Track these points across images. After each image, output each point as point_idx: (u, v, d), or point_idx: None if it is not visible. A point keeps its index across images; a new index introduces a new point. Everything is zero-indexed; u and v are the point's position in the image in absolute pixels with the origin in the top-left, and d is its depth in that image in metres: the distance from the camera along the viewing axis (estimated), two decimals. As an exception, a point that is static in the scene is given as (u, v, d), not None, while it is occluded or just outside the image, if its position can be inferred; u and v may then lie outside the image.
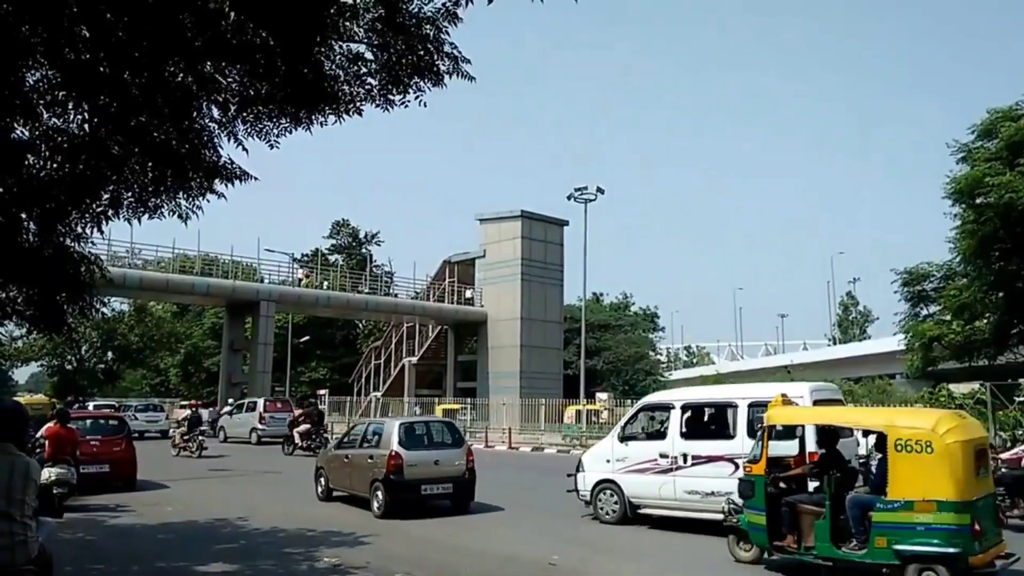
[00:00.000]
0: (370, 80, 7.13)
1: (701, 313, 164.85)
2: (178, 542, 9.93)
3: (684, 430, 10.61)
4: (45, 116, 7.11)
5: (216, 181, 7.75)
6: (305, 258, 55.12)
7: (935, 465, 6.86)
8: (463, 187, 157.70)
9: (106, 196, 7.79)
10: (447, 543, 9.85)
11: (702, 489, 9.95)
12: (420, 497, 12.02)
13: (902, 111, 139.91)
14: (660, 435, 11.01)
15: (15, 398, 28.88)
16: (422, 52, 6.75)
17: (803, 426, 8.68)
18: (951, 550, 6.71)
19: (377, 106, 7.23)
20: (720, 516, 8.95)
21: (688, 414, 10.76)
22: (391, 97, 7.15)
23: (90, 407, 29.45)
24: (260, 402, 29.63)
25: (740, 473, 8.77)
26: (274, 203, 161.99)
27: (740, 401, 10.24)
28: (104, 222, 8.13)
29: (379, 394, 45.78)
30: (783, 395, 8.70)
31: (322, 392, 44.99)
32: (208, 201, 8.03)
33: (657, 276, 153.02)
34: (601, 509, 11.26)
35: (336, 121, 7.38)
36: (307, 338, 49.73)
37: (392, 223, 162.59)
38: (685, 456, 10.32)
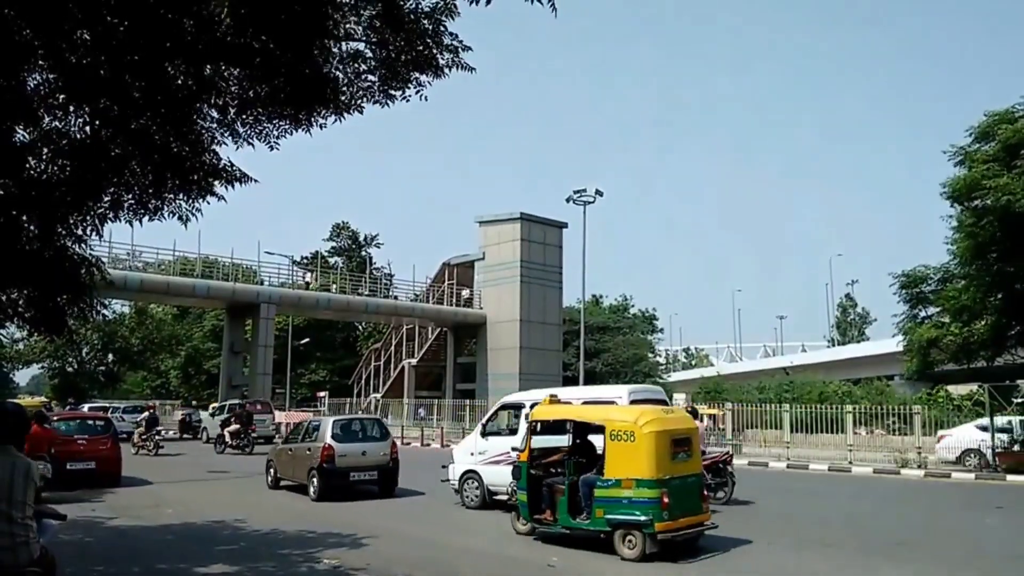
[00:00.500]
0: (369, 77, 7.15)
1: (700, 315, 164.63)
2: (178, 544, 9.95)
3: None
4: (46, 119, 7.12)
5: (216, 183, 7.76)
6: (305, 260, 55.10)
7: (635, 450, 8.52)
8: (462, 189, 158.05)
9: (107, 198, 7.76)
10: (446, 544, 9.90)
11: None
12: (349, 483, 13.72)
13: (902, 111, 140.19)
14: (514, 431, 12.31)
15: (14, 400, 29.24)
16: (421, 47, 6.76)
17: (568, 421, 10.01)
18: (642, 518, 8.34)
19: (376, 102, 7.26)
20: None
21: None
22: (391, 92, 7.18)
23: (85, 409, 30.59)
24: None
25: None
26: (274, 205, 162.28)
27: (575, 401, 11.41)
28: (104, 224, 8.16)
29: (379, 395, 45.86)
30: (551, 396, 10.40)
31: (322, 394, 45.02)
32: (208, 203, 8.02)
33: (656, 278, 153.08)
34: (466, 496, 12.72)
35: (336, 120, 7.40)
36: (307, 340, 49.73)
37: (391, 225, 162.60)
38: None
